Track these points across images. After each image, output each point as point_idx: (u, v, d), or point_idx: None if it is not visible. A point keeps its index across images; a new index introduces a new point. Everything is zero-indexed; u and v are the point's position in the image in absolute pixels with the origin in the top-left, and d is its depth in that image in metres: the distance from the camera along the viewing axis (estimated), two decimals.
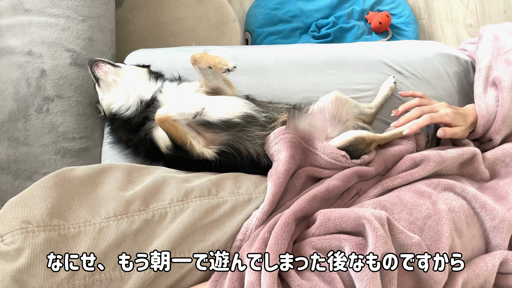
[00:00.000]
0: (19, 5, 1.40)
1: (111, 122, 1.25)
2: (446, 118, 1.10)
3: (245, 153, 1.11)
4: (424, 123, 1.09)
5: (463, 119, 1.12)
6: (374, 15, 2.11)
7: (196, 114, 1.06)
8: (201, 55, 1.14)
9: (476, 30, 2.27)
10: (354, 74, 1.32)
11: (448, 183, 1.02)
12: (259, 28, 2.10)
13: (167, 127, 1.06)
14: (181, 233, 0.93)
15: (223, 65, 1.11)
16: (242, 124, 1.11)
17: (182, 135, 1.07)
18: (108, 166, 1.02)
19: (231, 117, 1.11)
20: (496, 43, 1.21)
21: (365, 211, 0.88)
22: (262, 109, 1.16)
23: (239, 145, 1.11)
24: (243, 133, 1.11)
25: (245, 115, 1.12)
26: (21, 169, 1.32)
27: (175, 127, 1.06)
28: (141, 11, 1.98)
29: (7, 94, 1.34)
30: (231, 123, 1.10)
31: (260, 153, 1.12)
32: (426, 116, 1.09)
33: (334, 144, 1.09)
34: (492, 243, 0.99)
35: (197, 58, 1.14)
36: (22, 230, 0.87)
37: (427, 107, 1.13)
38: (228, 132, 1.11)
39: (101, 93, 1.25)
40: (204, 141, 1.11)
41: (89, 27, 1.43)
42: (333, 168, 1.07)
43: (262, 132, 1.12)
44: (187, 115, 1.06)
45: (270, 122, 1.14)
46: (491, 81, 1.17)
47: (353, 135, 1.10)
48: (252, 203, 1.01)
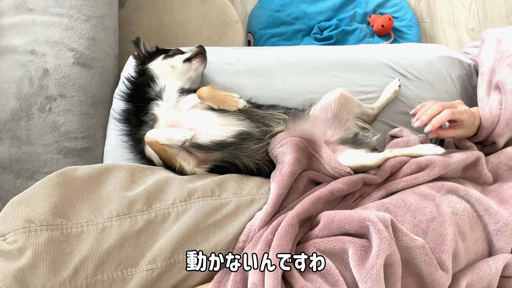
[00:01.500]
0: (22, 4, 1.40)
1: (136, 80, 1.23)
2: (465, 115, 1.08)
3: (243, 167, 1.10)
4: (445, 118, 1.05)
5: (473, 120, 1.12)
6: (377, 18, 2.11)
7: (185, 141, 1.03)
8: (209, 93, 1.10)
9: (478, 34, 2.27)
10: (357, 76, 1.32)
11: (451, 186, 1.02)
12: (262, 30, 2.10)
13: (156, 150, 1.06)
14: (184, 234, 0.92)
15: (233, 106, 1.09)
16: (236, 143, 1.08)
17: (171, 157, 1.06)
18: (111, 166, 1.02)
19: (224, 138, 1.08)
20: (500, 47, 1.22)
21: (369, 213, 0.88)
22: (257, 123, 1.12)
23: (235, 161, 1.10)
24: (239, 150, 1.09)
25: (239, 133, 1.09)
26: (23, 168, 1.31)
27: (164, 150, 1.05)
28: (144, 12, 1.98)
29: (10, 93, 1.33)
30: (224, 144, 1.08)
31: (259, 163, 1.10)
32: (448, 111, 1.06)
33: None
34: (495, 246, 0.98)
35: (205, 98, 1.10)
36: (25, 229, 0.87)
37: (448, 103, 1.10)
38: (222, 151, 1.09)
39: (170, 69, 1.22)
40: (196, 161, 1.10)
41: (93, 27, 1.42)
42: (335, 178, 1.07)
43: (259, 145, 1.10)
44: (175, 141, 1.03)
45: (265, 134, 1.11)
46: (494, 84, 1.17)
47: (360, 163, 1.07)
48: (255, 204, 1.01)
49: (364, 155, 1.12)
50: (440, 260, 0.89)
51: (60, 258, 0.86)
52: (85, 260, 0.87)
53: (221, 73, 1.33)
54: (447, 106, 1.08)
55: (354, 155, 1.12)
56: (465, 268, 0.95)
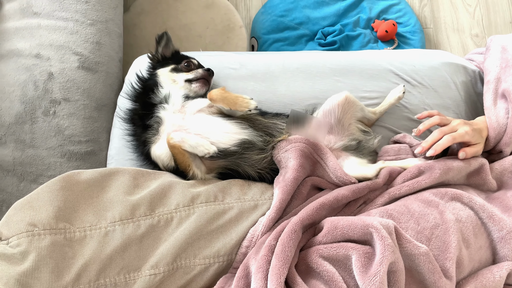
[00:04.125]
0: (28, 8, 1.41)
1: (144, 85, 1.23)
2: (467, 137, 1.08)
3: (245, 175, 1.10)
4: (446, 144, 1.06)
5: (479, 135, 1.10)
6: (381, 23, 2.11)
7: (206, 155, 1.03)
8: (221, 95, 1.10)
9: (482, 40, 2.27)
10: (361, 82, 1.32)
11: (455, 192, 1.01)
12: (266, 35, 2.11)
13: (175, 153, 1.05)
14: (187, 239, 0.92)
15: (244, 107, 1.09)
16: (239, 152, 1.08)
17: (188, 164, 1.06)
18: (115, 170, 1.02)
19: (228, 147, 1.08)
20: (504, 55, 1.21)
21: (372, 219, 0.87)
22: (260, 132, 1.12)
23: (238, 169, 1.10)
24: (241, 160, 1.09)
25: (242, 141, 1.09)
26: (27, 171, 1.32)
27: (183, 154, 1.05)
28: (148, 16, 1.99)
29: (15, 96, 1.34)
30: (227, 152, 1.08)
31: (261, 172, 1.10)
32: (448, 137, 1.06)
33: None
34: (499, 254, 0.98)
35: (216, 99, 1.10)
36: (28, 233, 0.87)
37: (447, 127, 1.10)
38: (225, 159, 1.09)
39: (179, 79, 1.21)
40: (205, 168, 1.10)
41: (97, 31, 1.43)
42: (339, 186, 1.07)
43: (261, 155, 1.10)
44: (198, 151, 1.03)
45: (267, 144, 1.11)
46: (500, 93, 1.16)
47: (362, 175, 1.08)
48: (258, 209, 1.01)
49: (365, 166, 1.12)
50: (443, 267, 0.89)
51: (63, 262, 0.86)
52: (88, 265, 0.87)
53: (224, 77, 1.33)
54: (446, 132, 1.08)
55: (356, 164, 1.12)
56: (468, 275, 0.95)
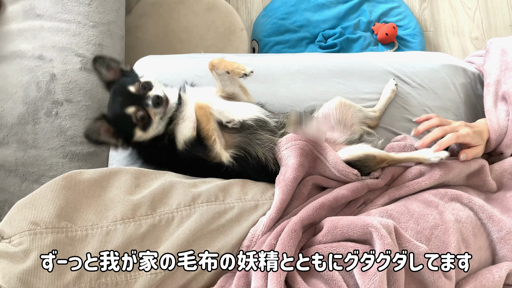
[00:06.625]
0: (31, 10, 1.42)
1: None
2: (468, 138, 1.08)
3: (254, 155, 1.12)
4: (449, 142, 1.06)
5: (480, 137, 1.11)
6: (381, 26, 2.12)
7: (231, 121, 1.07)
8: (219, 60, 1.15)
9: (482, 43, 2.28)
10: (361, 84, 1.32)
11: (455, 193, 1.02)
12: (266, 37, 2.12)
13: (202, 114, 1.07)
14: (187, 238, 0.93)
15: (241, 70, 1.12)
16: (254, 127, 1.12)
17: (211, 128, 1.07)
18: (116, 169, 1.03)
19: (246, 119, 1.12)
20: (504, 57, 1.21)
21: (372, 219, 0.88)
22: (274, 114, 1.18)
23: (249, 148, 1.12)
24: (254, 135, 1.12)
25: (257, 118, 1.14)
26: (29, 171, 1.32)
27: (208, 118, 1.07)
28: (150, 18, 2.01)
29: (17, 97, 1.35)
30: (244, 125, 1.11)
31: (268, 157, 1.12)
32: (452, 135, 1.06)
33: (343, 157, 1.07)
34: (498, 254, 0.98)
35: (215, 64, 1.15)
36: (30, 232, 0.87)
37: (448, 126, 1.10)
38: (241, 133, 1.12)
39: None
40: (223, 142, 1.12)
41: (100, 33, 1.44)
42: (341, 181, 1.07)
43: (272, 137, 1.13)
44: (223, 117, 1.07)
45: (280, 127, 1.15)
46: (500, 95, 1.17)
47: (364, 152, 1.08)
48: (259, 209, 1.01)
49: (367, 146, 1.14)
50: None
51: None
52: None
53: None
54: (448, 131, 1.08)
55: (357, 147, 1.13)
56: (468, 275, 0.95)
